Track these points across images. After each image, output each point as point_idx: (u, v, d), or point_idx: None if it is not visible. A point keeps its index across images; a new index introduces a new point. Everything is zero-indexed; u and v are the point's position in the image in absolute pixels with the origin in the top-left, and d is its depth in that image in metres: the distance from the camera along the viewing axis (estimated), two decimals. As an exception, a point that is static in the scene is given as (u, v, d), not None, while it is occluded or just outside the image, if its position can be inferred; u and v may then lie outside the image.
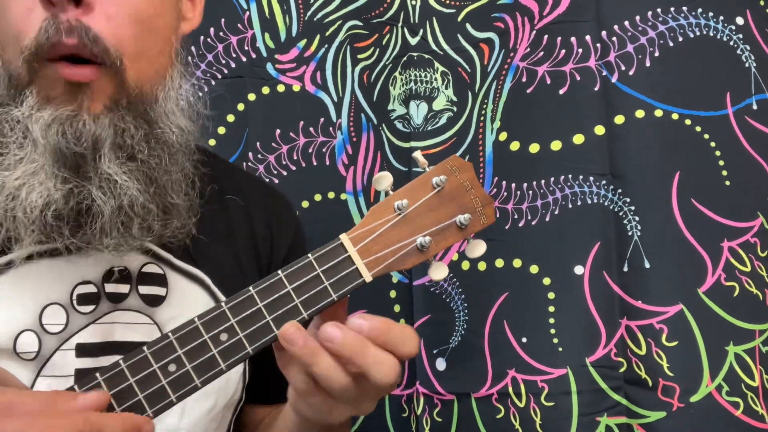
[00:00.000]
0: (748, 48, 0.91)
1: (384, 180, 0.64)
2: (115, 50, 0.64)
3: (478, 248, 0.65)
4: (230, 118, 1.16)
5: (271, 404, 0.84)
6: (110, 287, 0.69)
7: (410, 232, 0.63)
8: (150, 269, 0.72)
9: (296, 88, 1.15)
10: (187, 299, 0.74)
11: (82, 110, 0.63)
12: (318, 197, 1.14)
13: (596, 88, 0.93)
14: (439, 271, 0.64)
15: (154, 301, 0.72)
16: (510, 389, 0.93)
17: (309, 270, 0.60)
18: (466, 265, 1.00)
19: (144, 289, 0.71)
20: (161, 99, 0.70)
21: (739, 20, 0.91)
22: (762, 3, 0.93)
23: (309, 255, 0.61)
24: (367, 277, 0.61)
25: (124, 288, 0.70)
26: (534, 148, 0.96)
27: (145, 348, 0.58)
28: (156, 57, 0.69)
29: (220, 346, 0.58)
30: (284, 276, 0.60)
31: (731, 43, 0.91)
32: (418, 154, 0.66)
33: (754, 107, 0.91)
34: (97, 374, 0.56)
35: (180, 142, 0.71)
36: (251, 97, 1.16)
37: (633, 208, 0.90)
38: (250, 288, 0.59)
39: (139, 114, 0.67)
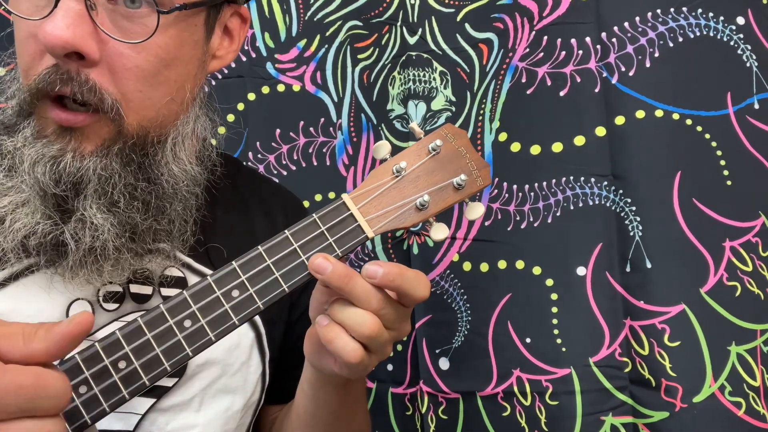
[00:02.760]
0: (750, 47, 0.91)
1: (382, 148, 0.66)
2: (113, 100, 0.64)
3: (476, 210, 0.67)
4: (230, 117, 1.16)
5: (282, 403, 0.86)
6: (135, 288, 0.72)
7: (409, 192, 0.65)
8: (171, 272, 0.74)
9: (296, 88, 1.15)
10: None
11: (67, 151, 0.64)
12: (318, 197, 1.14)
13: (596, 90, 0.93)
14: (439, 232, 0.66)
15: None
16: (515, 388, 0.94)
17: (313, 228, 0.63)
18: (467, 266, 1.00)
19: (166, 291, 0.73)
20: (169, 143, 0.71)
21: (740, 20, 0.92)
22: (765, 2, 0.93)
23: (313, 215, 0.63)
24: (370, 233, 0.64)
25: (147, 289, 0.72)
26: (535, 149, 0.96)
27: (161, 305, 0.59)
28: (164, 106, 0.69)
29: (231, 301, 0.60)
30: (290, 234, 0.62)
31: (732, 43, 0.91)
32: (414, 125, 0.67)
33: (756, 106, 0.91)
34: (116, 331, 0.58)
35: (180, 187, 0.72)
36: (251, 96, 1.16)
37: (634, 208, 0.91)
38: (259, 247, 0.62)
39: (134, 161, 0.68)
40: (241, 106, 1.15)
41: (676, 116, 0.91)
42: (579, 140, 0.94)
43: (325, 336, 0.62)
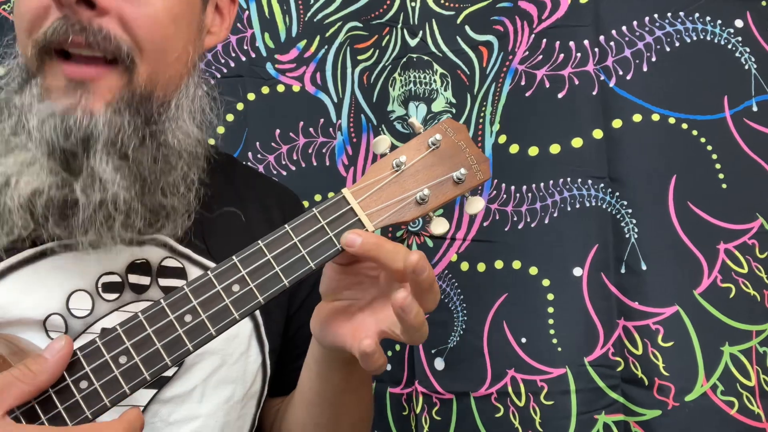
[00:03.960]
0: (748, 50, 0.92)
1: (382, 143, 0.65)
2: (128, 48, 0.65)
3: (476, 204, 0.66)
4: (230, 117, 1.16)
5: (284, 395, 0.87)
6: (133, 278, 0.72)
7: (409, 186, 0.64)
8: (169, 263, 0.74)
9: (296, 88, 1.16)
10: None
11: (77, 107, 0.65)
12: (318, 197, 1.14)
13: (594, 93, 0.94)
14: (439, 226, 0.66)
15: None
16: (509, 389, 0.95)
17: (314, 222, 0.62)
18: (465, 266, 1.01)
19: (164, 281, 0.74)
20: (173, 106, 0.72)
21: (738, 23, 0.92)
22: (764, 3, 0.93)
23: (313, 209, 0.63)
24: (370, 227, 0.63)
25: (145, 280, 0.73)
26: (533, 151, 0.97)
27: (161, 300, 0.60)
28: (171, 63, 0.70)
29: (232, 296, 0.60)
30: (290, 229, 0.62)
31: (729, 46, 0.92)
32: (414, 120, 0.67)
33: (755, 109, 0.91)
34: (117, 326, 0.59)
35: (183, 147, 0.72)
36: (251, 96, 1.16)
37: (630, 210, 0.91)
38: (259, 241, 0.62)
39: (141, 114, 0.68)
40: (240, 106, 1.16)
41: (672, 120, 0.91)
42: (576, 142, 0.94)
43: (415, 322, 0.59)
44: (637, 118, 0.92)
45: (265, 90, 1.16)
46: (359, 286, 0.67)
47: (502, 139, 1.00)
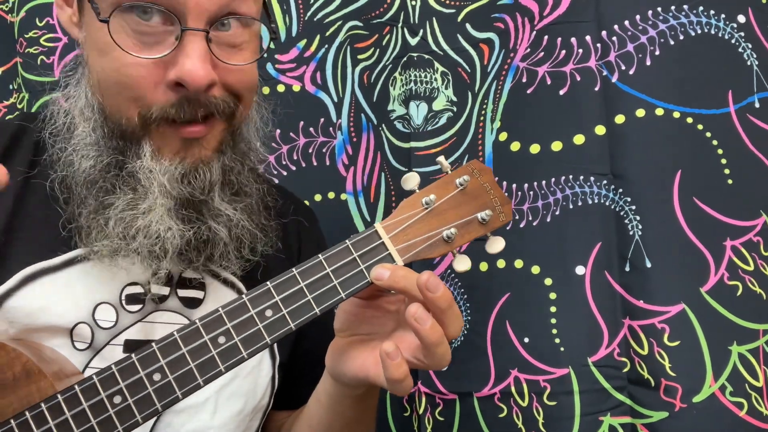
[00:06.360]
0: (750, 46, 0.91)
1: (411, 180, 0.69)
2: (233, 103, 0.70)
3: (497, 244, 0.70)
4: (230, 118, 1.16)
5: (290, 409, 0.88)
6: (154, 288, 0.74)
7: (437, 224, 0.68)
8: (189, 274, 0.77)
9: (296, 88, 1.15)
10: (222, 303, 0.77)
11: (198, 162, 0.71)
12: (318, 197, 1.14)
13: (596, 88, 0.92)
14: (462, 263, 0.69)
15: (192, 303, 0.77)
16: (512, 389, 0.93)
17: (346, 254, 0.65)
18: (467, 266, 0.99)
19: (183, 292, 0.76)
20: (243, 128, 0.76)
21: (741, 18, 0.91)
22: (764, 1, 0.92)
23: (347, 241, 0.65)
24: (399, 261, 0.66)
25: (165, 290, 0.75)
26: (534, 148, 0.96)
27: (197, 320, 0.61)
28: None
29: (265, 321, 0.62)
30: (324, 259, 0.64)
31: (733, 41, 0.90)
32: (442, 159, 0.70)
33: (757, 105, 0.90)
34: (153, 344, 0.60)
35: (255, 165, 0.79)
36: (251, 97, 1.16)
37: (634, 207, 0.90)
38: (293, 269, 0.64)
39: (237, 149, 0.75)
40: (241, 107, 1.15)
41: (676, 114, 0.90)
42: (578, 139, 0.93)
43: (431, 335, 0.61)
44: (640, 113, 0.90)
45: (266, 90, 1.16)
46: (378, 320, 0.70)
47: (503, 136, 0.99)
